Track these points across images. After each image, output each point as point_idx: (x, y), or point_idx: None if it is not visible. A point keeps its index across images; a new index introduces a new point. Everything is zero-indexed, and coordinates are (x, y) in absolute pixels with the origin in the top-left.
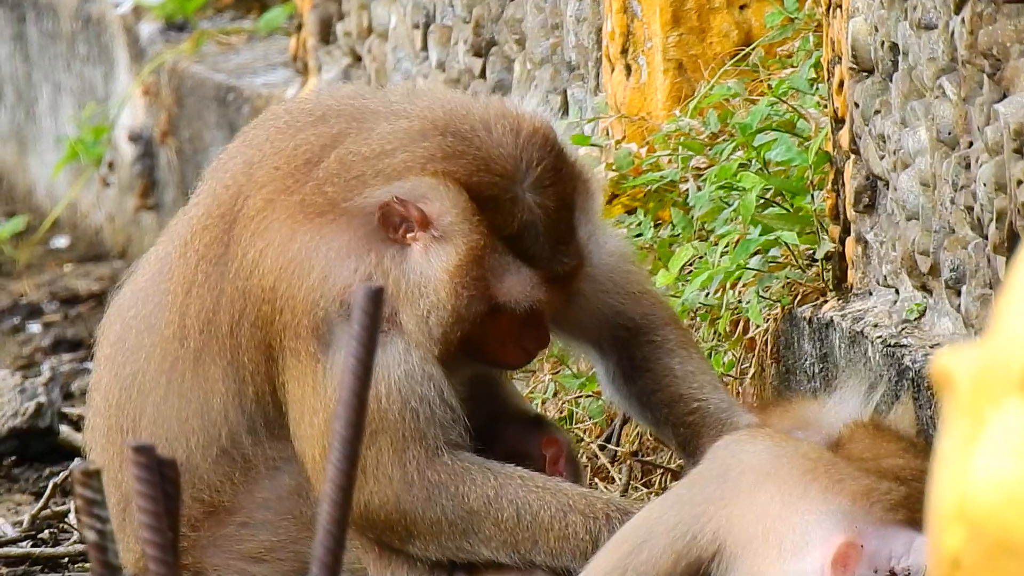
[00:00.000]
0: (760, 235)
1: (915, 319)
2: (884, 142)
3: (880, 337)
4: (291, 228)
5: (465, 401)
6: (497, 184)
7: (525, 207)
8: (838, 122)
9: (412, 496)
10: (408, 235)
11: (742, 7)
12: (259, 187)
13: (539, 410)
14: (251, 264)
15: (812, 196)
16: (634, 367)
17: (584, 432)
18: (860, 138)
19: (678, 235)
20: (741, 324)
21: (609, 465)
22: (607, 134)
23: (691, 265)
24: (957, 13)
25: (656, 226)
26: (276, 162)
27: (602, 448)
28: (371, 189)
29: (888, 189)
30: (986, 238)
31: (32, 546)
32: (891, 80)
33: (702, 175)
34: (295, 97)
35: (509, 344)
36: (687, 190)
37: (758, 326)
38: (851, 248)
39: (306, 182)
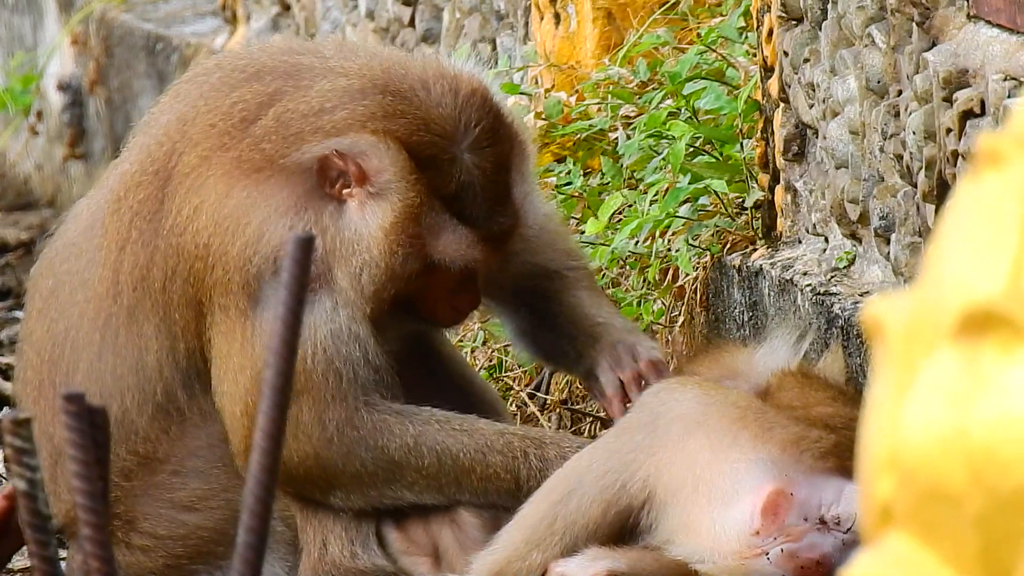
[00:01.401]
0: (689, 183)
1: (844, 267)
2: (813, 90)
3: (809, 285)
4: (227, 184)
5: (396, 355)
6: (436, 144)
7: (463, 167)
8: (767, 71)
9: (332, 452)
10: (344, 190)
11: None
12: (194, 144)
13: (468, 358)
14: (185, 220)
15: (741, 145)
16: (546, 301)
17: (513, 380)
18: (789, 86)
19: (607, 183)
20: (670, 272)
21: (539, 413)
22: (536, 83)
23: (620, 213)
24: None
25: (585, 174)
26: (211, 119)
27: (531, 396)
28: (309, 145)
29: (817, 137)
30: (915, 186)
31: None
32: (820, 28)
33: (631, 124)
34: (225, 51)
35: (442, 303)
36: (616, 139)
37: (687, 274)
38: (780, 196)
39: (242, 139)
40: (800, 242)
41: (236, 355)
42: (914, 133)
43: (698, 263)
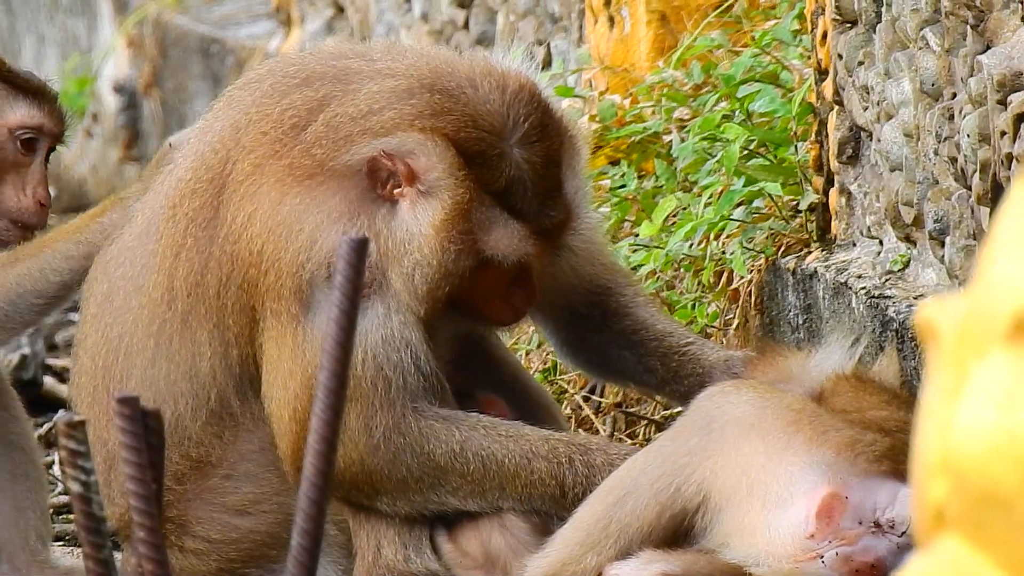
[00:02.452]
0: (744, 186)
1: (899, 270)
2: (868, 93)
3: (864, 288)
4: (280, 191)
5: (451, 362)
6: (484, 140)
7: (512, 162)
8: (821, 73)
9: (377, 458)
10: (395, 190)
11: None
12: (247, 152)
13: (523, 361)
14: (240, 228)
15: (796, 147)
16: (608, 315)
17: (568, 383)
18: (844, 89)
19: (662, 186)
20: (725, 275)
21: (593, 416)
22: (590, 86)
23: (675, 216)
24: None
25: (640, 177)
26: (263, 127)
27: (586, 399)
28: (358, 146)
29: (872, 140)
30: (970, 189)
31: None
32: (875, 31)
33: (685, 126)
34: (279, 56)
35: (497, 301)
36: (670, 141)
37: (742, 277)
38: (835, 199)
39: (294, 146)
40: (854, 245)
41: (287, 360)
42: (968, 136)
43: (752, 266)
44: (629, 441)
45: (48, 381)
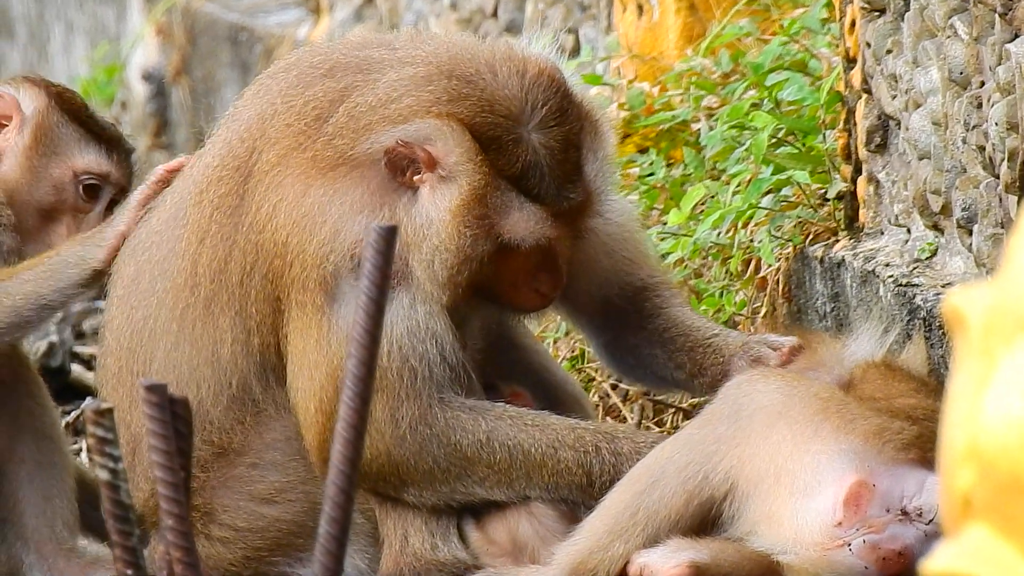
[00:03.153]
0: (772, 174)
1: (927, 258)
2: (896, 82)
3: (892, 276)
4: (304, 183)
5: (481, 352)
6: (500, 125)
7: (529, 147)
8: (850, 62)
9: (404, 449)
10: (416, 177)
11: None
12: (272, 143)
13: (551, 349)
14: (265, 218)
15: (824, 136)
16: (643, 316)
17: (596, 371)
18: (872, 78)
19: (690, 174)
20: (753, 263)
21: (621, 404)
22: (619, 74)
23: (703, 204)
24: None
25: (668, 165)
26: (287, 119)
27: (614, 387)
28: (377, 135)
29: (900, 129)
30: (998, 177)
31: None
32: (903, 19)
33: (714, 114)
34: (307, 45)
35: (524, 287)
36: (699, 129)
37: (770, 265)
38: (863, 187)
39: (317, 138)
40: (882, 233)
41: (312, 351)
42: (996, 124)
43: (780, 254)
44: (657, 429)
45: (76, 369)
